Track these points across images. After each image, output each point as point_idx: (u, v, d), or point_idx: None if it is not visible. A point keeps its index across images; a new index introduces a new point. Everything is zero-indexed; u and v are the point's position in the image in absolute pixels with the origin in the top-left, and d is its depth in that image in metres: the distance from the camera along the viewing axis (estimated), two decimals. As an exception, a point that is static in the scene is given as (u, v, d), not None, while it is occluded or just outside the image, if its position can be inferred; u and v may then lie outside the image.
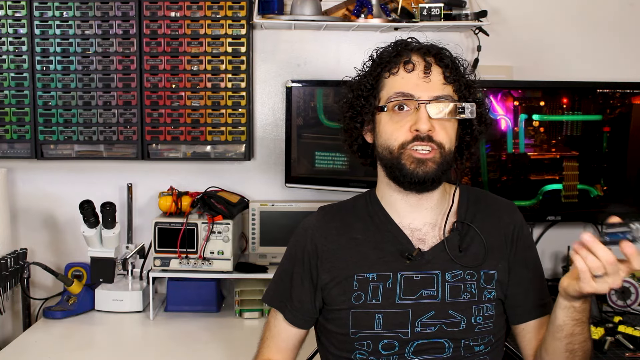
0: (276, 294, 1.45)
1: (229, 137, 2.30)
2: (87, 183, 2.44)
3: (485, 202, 1.43)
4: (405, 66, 1.31)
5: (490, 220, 1.39)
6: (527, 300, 1.37)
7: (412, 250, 1.33)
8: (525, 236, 1.41)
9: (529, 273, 1.38)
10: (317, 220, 1.43)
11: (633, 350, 1.88)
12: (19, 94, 2.28)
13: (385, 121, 1.32)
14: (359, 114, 1.37)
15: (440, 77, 1.31)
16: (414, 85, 1.30)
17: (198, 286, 2.29)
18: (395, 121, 1.30)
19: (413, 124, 1.28)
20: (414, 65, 1.31)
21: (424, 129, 1.27)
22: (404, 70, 1.31)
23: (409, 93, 1.29)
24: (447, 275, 1.33)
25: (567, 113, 2.26)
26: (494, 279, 1.34)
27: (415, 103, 1.28)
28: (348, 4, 2.37)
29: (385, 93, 1.33)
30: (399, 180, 1.32)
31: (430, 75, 1.30)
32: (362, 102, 1.36)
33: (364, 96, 1.36)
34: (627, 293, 2.25)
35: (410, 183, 1.30)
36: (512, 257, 1.38)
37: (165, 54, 2.26)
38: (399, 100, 1.30)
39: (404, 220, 1.37)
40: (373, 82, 1.35)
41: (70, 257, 2.44)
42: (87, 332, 2.13)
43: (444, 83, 1.31)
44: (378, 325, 1.30)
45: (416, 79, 1.30)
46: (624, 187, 2.30)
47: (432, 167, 1.28)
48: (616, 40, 2.45)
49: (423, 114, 1.27)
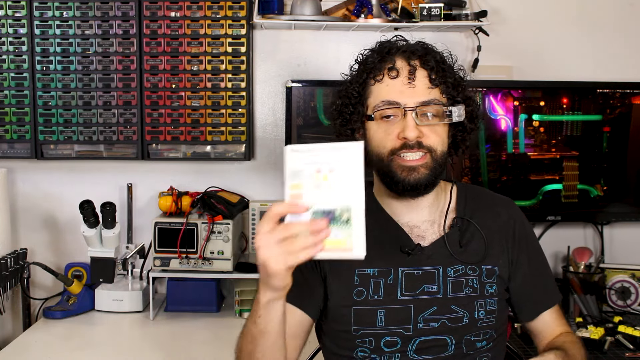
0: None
1: (229, 137, 2.30)
2: (87, 183, 2.44)
3: (483, 198, 1.43)
4: (389, 72, 1.30)
5: (489, 215, 1.39)
6: (533, 297, 1.39)
7: (412, 245, 1.34)
8: (527, 233, 1.42)
9: (533, 270, 1.39)
10: None
11: (633, 350, 1.88)
12: (19, 94, 2.28)
13: (374, 129, 1.32)
14: (348, 121, 1.36)
15: (426, 80, 1.29)
16: (399, 92, 1.28)
17: (198, 286, 2.29)
18: (383, 129, 1.30)
19: (401, 131, 1.27)
20: (397, 72, 1.29)
21: (411, 137, 1.26)
22: (388, 77, 1.30)
23: (395, 101, 1.28)
24: (449, 271, 1.33)
25: (567, 113, 2.26)
26: (495, 274, 1.35)
27: (402, 110, 1.27)
28: (348, 4, 2.37)
29: (372, 101, 1.32)
30: (391, 187, 1.32)
31: (414, 80, 1.28)
32: (351, 110, 1.35)
33: (352, 104, 1.35)
34: (627, 293, 2.25)
35: (403, 190, 1.30)
36: (514, 254, 1.38)
37: (165, 54, 2.26)
38: (385, 109, 1.29)
39: (402, 219, 1.38)
40: (359, 89, 1.34)
41: (70, 257, 2.44)
42: (87, 332, 2.13)
43: (430, 87, 1.29)
44: (380, 322, 1.30)
45: (400, 86, 1.29)
46: (624, 187, 2.30)
47: (424, 172, 1.28)
48: (616, 40, 2.45)
49: (410, 121, 1.26)
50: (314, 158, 1.05)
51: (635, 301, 2.25)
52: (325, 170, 1.05)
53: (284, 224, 1.04)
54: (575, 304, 2.17)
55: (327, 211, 1.05)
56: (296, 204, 1.04)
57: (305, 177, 1.05)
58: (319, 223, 1.02)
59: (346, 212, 1.04)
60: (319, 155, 1.05)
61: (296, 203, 1.04)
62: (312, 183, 1.05)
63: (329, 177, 1.05)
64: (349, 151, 1.04)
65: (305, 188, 1.06)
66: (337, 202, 1.04)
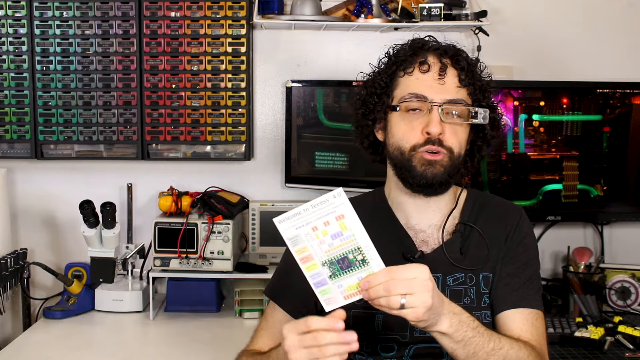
0: (276, 286, 1.45)
1: (229, 137, 2.30)
2: (87, 183, 2.44)
3: (491, 205, 1.41)
4: (420, 66, 1.30)
5: (493, 223, 1.38)
6: (502, 293, 1.32)
7: (415, 252, 1.33)
8: (522, 239, 1.37)
9: (515, 271, 1.34)
10: None
11: (633, 350, 1.88)
12: (19, 94, 2.28)
13: (397, 121, 1.32)
14: (371, 111, 1.36)
15: (455, 79, 1.30)
16: (428, 86, 1.29)
17: (198, 286, 2.29)
18: (407, 122, 1.30)
19: (425, 126, 1.27)
20: (429, 66, 1.30)
21: (435, 132, 1.26)
22: (419, 71, 1.30)
23: (422, 94, 1.28)
24: (448, 280, 1.33)
25: (567, 113, 2.26)
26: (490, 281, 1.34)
27: (428, 105, 1.28)
28: (348, 4, 2.37)
29: (399, 92, 1.32)
30: (407, 181, 1.32)
31: (445, 78, 1.29)
32: (375, 100, 1.35)
33: (377, 94, 1.35)
34: (627, 293, 2.25)
35: (419, 185, 1.30)
36: (502, 254, 1.35)
37: (165, 54, 2.26)
38: (412, 101, 1.29)
39: (410, 221, 1.37)
40: (387, 80, 1.34)
41: (70, 257, 2.44)
42: (87, 332, 2.13)
43: (459, 86, 1.30)
44: (378, 326, 1.30)
45: (430, 81, 1.29)
46: (624, 187, 2.30)
47: (440, 169, 1.28)
48: (616, 40, 2.45)
49: (435, 116, 1.27)
50: (303, 219, 1.09)
51: (635, 301, 2.25)
52: (321, 226, 1.09)
53: (314, 335, 1.06)
54: (575, 304, 2.17)
55: (340, 259, 1.09)
56: (334, 320, 1.07)
57: (305, 239, 1.10)
58: (348, 337, 1.06)
59: (358, 253, 1.09)
60: (306, 215, 1.09)
61: (334, 319, 1.07)
62: (314, 242, 1.09)
63: (327, 230, 1.09)
64: (333, 200, 1.08)
65: (310, 249, 1.10)
66: (345, 248, 1.09)
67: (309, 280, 1.11)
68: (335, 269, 1.10)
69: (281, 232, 1.10)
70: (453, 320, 1.12)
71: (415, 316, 1.05)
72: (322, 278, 1.11)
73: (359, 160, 2.27)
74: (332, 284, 1.11)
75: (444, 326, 1.11)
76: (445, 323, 1.11)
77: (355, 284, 1.10)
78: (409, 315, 1.06)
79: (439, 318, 1.10)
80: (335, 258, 1.09)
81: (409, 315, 1.06)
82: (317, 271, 1.11)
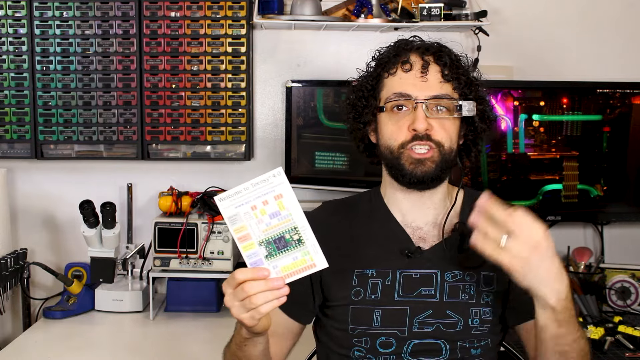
0: None
1: (229, 137, 2.30)
2: (87, 183, 2.44)
3: None
4: (403, 66, 1.33)
5: None
6: (525, 301, 1.32)
7: (412, 248, 1.34)
8: None
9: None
10: (318, 214, 1.44)
11: (633, 350, 1.88)
12: (19, 94, 2.28)
13: (385, 121, 1.34)
14: (361, 115, 1.39)
15: (438, 75, 1.32)
16: (411, 85, 1.31)
17: (198, 286, 2.29)
18: (394, 121, 1.32)
19: (411, 123, 1.29)
20: (411, 65, 1.32)
21: (420, 128, 1.28)
22: (401, 70, 1.33)
23: (406, 93, 1.31)
24: (447, 275, 1.33)
25: (567, 113, 2.26)
26: (493, 280, 1.34)
27: (413, 102, 1.30)
28: (348, 4, 2.38)
29: (385, 93, 1.35)
30: (399, 179, 1.33)
31: (427, 75, 1.31)
32: (364, 103, 1.38)
33: (365, 97, 1.38)
34: (627, 293, 2.25)
35: (410, 183, 1.32)
36: None
37: (165, 54, 2.26)
38: (396, 101, 1.31)
39: (406, 219, 1.38)
40: (373, 82, 1.37)
41: (70, 257, 2.44)
42: (87, 332, 2.13)
43: (442, 81, 1.32)
44: (376, 322, 1.31)
45: (413, 79, 1.32)
46: (624, 187, 2.30)
47: (430, 166, 1.30)
48: (616, 40, 2.45)
49: (420, 113, 1.29)
50: (243, 198, 1.11)
51: (635, 301, 2.25)
52: (260, 205, 1.11)
53: (242, 286, 1.10)
54: (575, 304, 2.17)
55: (277, 239, 1.11)
56: (259, 268, 1.11)
57: (244, 218, 1.11)
58: (275, 282, 1.10)
59: (294, 233, 1.11)
60: (246, 194, 1.10)
61: (258, 268, 1.11)
62: (252, 220, 1.11)
63: (266, 209, 1.10)
64: (272, 179, 1.10)
65: (248, 227, 1.12)
66: (282, 227, 1.11)
67: (246, 260, 1.13)
68: (271, 249, 1.11)
69: (221, 211, 1.11)
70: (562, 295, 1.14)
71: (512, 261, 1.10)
72: (259, 258, 1.12)
73: (358, 160, 2.27)
74: (268, 265, 1.12)
75: (553, 299, 1.13)
76: (554, 297, 1.13)
77: (290, 264, 1.12)
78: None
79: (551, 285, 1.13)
80: (272, 237, 1.11)
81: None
82: (254, 251, 1.12)
